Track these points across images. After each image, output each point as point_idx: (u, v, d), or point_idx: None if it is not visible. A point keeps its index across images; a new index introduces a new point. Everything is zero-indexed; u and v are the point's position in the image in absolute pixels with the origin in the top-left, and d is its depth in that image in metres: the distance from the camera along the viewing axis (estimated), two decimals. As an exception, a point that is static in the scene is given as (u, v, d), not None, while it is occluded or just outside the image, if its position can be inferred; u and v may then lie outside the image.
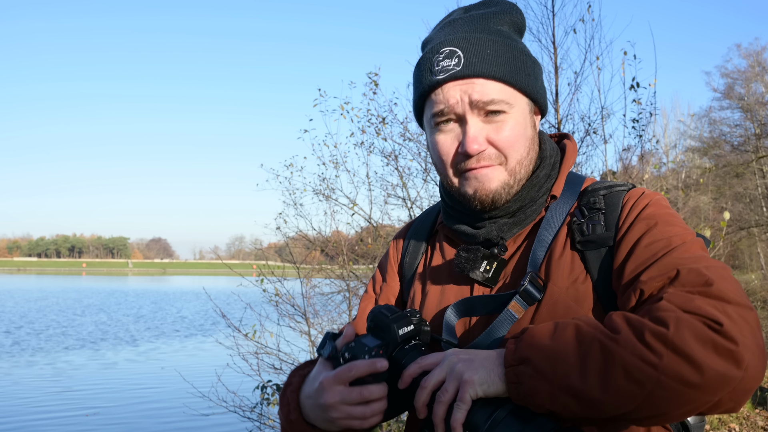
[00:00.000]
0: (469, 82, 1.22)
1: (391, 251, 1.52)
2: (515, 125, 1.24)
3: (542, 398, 0.98)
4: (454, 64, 1.22)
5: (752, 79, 28.55)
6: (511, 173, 1.25)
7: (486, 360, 1.05)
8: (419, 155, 7.09)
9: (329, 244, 7.50)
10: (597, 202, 1.24)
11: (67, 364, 15.01)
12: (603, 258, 1.19)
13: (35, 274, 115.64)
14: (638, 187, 1.26)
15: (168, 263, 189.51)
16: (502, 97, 1.23)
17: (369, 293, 1.51)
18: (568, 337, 1.00)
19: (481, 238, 1.29)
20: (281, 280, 6.94)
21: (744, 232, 24.63)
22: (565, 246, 1.23)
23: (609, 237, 1.20)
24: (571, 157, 1.35)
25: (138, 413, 10.35)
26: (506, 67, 1.23)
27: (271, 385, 5.78)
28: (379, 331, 1.19)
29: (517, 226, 1.28)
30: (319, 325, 6.88)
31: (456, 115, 1.24)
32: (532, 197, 1.29)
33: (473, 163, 1.24)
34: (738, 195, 26.08)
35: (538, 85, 1.30)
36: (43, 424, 9.64)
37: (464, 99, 1.22)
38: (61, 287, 55.39)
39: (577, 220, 1.24)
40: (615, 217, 1.21)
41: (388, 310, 1.20)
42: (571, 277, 1.20)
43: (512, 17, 1.31)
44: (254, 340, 6.44)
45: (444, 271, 1.36)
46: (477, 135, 1.22)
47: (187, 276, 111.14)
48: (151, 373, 14.02)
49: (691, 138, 28.95)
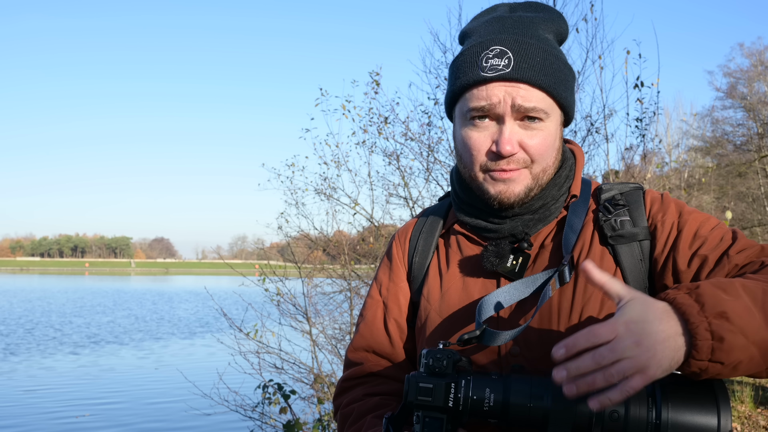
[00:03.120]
0: (515, 86, 1.23)
1: (395, 252, 1.48)
2: (548, 135, 1.27)
3: (738, 354, 0.96)
4: (504, 65, 1.23)
5: (755, 79, 28.50)
6: (535, 178, 1.29)
7: (662, 340, 0.96)
8: (421, 155, 7.09)
9: (331, 244, 7.51)
10: (620, 200, 1.30)
11: (70, 363, 15.05)
12: (634, 252, 1.25)
13: (38, 273, 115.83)
14: (649, 189, 1.33)
15: (170, 263, 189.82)
16: (542, 107, 1.25)
17: (375, 298, 1.47)
18: (740, 290, 1.00)
19: (505, 232, 1.31)
20: (283, 280, 6.94)
21: (746, 231, 24.59)
22: (592, 242, 1.28)
23: (638, 232, 1.26)
24: (581, 160, 1.39)
25: (140, 412, 10.37)
26: (551, 78, 1.26)
27: (272, 385, 5.77)
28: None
29: (541, 223, 1.32)
30: (320, 325, 6.88)
31: (495, 115, 1.25)
32: (554, 196, 1.33)
33: (503, 165, 1.26)
34: (740, 194, 26.03)
35: (572, 97, 1.33)
36: (40, 424, 9.64)
37: (507, 101, 1.23)
38: (64, 287, 55.46)
39: (603, 216, 1.29)
40: (641, 213, 1.28)
41: (422, 391, 1.11)
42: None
43: (558, 26, 1.34)
44: (255, 339, 6.45)
45: (465, 267, 1.35)
46: (512, 137, 1.24)
47: (190, 276, 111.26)
48: (153, 372, 14.05)
49: (693, 137, 28.91)
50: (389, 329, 1.43)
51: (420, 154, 7.11)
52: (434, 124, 7.01)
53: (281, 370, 6.38)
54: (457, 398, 1.09)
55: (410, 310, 1.44)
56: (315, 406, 6.18)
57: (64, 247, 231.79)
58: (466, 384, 1.09)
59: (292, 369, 6.48)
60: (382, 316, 1.45)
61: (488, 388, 1.09)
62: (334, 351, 6.71)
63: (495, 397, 1.08)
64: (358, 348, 1.45)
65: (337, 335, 7.18)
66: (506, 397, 1.07)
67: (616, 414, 0.98)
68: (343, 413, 1.40)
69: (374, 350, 1.43)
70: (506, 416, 1.08)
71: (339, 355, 6.61)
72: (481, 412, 1.09)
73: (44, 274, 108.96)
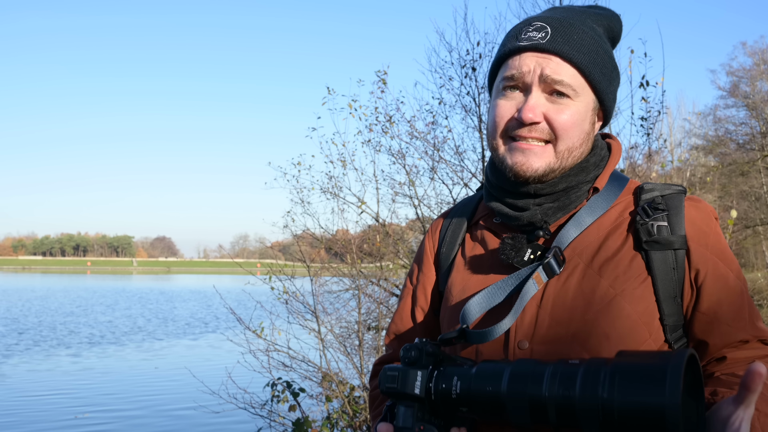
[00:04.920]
0: (546, 57, 1.25)
1: (426, 241, 1.52)
2: (575, 113, 1.27)
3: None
4: (540, 36, 1.26)
5: (757, 78, 28.50)
6: (559, 156, 1.27)
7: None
8: (426, 154, 7.12)
9: (337, 243, 7.54)
10: (660, 203, 1.25)
11: (71, 362, 15.06)
12: (667, 260, 1.22)
13: (40, 272, 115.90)
14: (691, 195, 1.30)
15: (172, 262, 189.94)
16: (572, 83, 1.25)
17: (407, 286, 1.52)
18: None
19: (524, 220, 1.30)
20: (291, 279, 6.97)
21: (749, 230, 24.59)
22: (624, 245, 1.25)
23: (675, 241, 1.22)
24: (617, 154, 1.37)
25: (148, 410, 10.40)
26: (586, 57, 1.26)
27: (281, 383, 5.80)
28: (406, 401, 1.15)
29: (561, 211, 1.30)
30: (328, 323, 6.91)
31: (523, 84, 1.27)
32: (579, 181, 1.31)
33: (524, 132, 1.26)
34: (743, 193, 26.03)
35: (610, 89, 1.32)
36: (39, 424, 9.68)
37: (536, 70, 1.25)
38: (66, 286, 55.53)
39: (641, 219, 1.25)
40: (680, 221, 1.24)
41: (387, 378, 1.16)
42: (628, 274, 1.22)
43: (611, 23, 1.36)
44: (262, 337, 6.48)
45: (487, 260, 1.36)
46: (536, 106, 1.25)
47: (192, 275, 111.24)
48: (159, 371, 14.07)
49: (696, 136, 28.92)
50: (416, 317, 1.48)
51: (425, 153, 7.15)
52: (440, 123, 7.05)
53: (290, 368, 6.40)
54: (428, 388, 1.11)
55: (437, 299, 1.47)
56: (323, 404, 6.21)
57: (66, 246, 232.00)
58: (438, 374, 1.12)
59: (301, 367, 6.51)
60: (410, 304, 1.50)
61: (456, 377, 1.10)
62: (342, 349, 6.74)
63: (461, 386, 1.09)
64: (391, 333, 1.52)
65: (345, 333, 7.21)
66: (469, 385, 1.08)
67: (568, 395, 0.98)
68: (371, 395, 1.47)
69: (402, 336, 1.49)
70: (470, 404, 1.08)
71: (347, 353, 6.64)
72: (451, 401, 1.10)
73: (46, 273, 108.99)
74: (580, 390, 0.97)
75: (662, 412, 0.88)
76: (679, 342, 1.24)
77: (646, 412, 0.90)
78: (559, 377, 1.00)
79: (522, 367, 1.06)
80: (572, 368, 1.00)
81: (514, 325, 1.25)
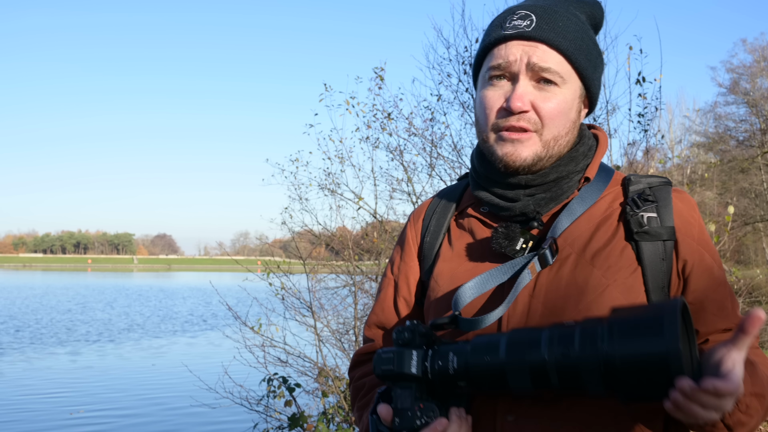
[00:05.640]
0: (533, 45, 1.25)
1: (408, 230, 1.50)
2: (562, 101, 1.27)
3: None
4: (525, 24, 1.26)
5: (757, 74, 28.45)
6: (545, 145, 1.27)
7: None
8: (424, 150, 7.12)
9: (335, 239, 7.54)
10: (649, 195, 1.27)
11: (74, 359, 15.10)
12: (657, 250, 1.24)
13: (41, 270, 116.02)
14: (675, 186, 1.31)
15: (173, 259, 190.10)
16: (559, 70, 1.26)
17: (388, 276, 1.50)
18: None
19: (516, 211, 1.30)
20: (287, 275, 6.98)
21: (749, 227, 24.58)
22: (615, 236, 1.26)
23: (664, 232, 1.24)
24: (604, 145, 1.38)
25: (145, 406, 10.42)
26: (572, 44, 1.27)
27: (277, 378, 5.82)
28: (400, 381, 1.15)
29: (554, 201, 1.30)
30: (324, 319, 6.93)
31: (510, 73, 1.27)
32: (570, 171, 1.31)
33: (513, 122, 1.26)
34: (743, 190, 26.01)
35: (596, 75, 1.33)
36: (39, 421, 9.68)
37: (523, 59, 1.25)
38: (66, 284, 55.57)
39: (631, 210, 1.26)
40: (669, 212, 1.25)
41: (382, 361, 1.15)
42: (619, 265, 1.23)
43: (593, 10, 1.37)
44: (259, 333, 6.49)
45: (476, 250, 1.35)
46: (524, 95, 1.25)
47: (192, 272, 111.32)
48: (155, 367, 14.10)
49: (696, 133, 28.89)
50: (398, 307, 1.46)
51: (423, 149, 7.15)
52: (437, 120, 7.05)
53: (286, 364, 6.42)
54: (424, 366, 1.12)
55: (420, 289, 1.45)
56: (319, 399, 6.23)
57: (67, 243, 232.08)
58: (434, 353, 1.12)
59: (297, 362, 6.53)
60: (392, 295, 1.47)
61: (452, 353, 1.11)
62: (339, 345, 6.75)
63: (458, 360, 1.09)
64: (371, 324, 1.50)
65: (341, 329, 7.22)
66: (466, 359, 1.09)
67: (568, 354, 0.98)
68: (355, 386, 1.45)
69: (384, 327, 1.47)
70: (469, 377, 1.09)
71: (343, 349, 6.66)
72: (449, 377, 1.10)
73: (47, 271, 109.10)
74: (579, 349, 0.98)
75: (665, 358, 0.90)
76: None
77: (649, 359, 0.92)
78: (557, 339, 1.01)
79: (518, 335, 1.07)
80: (568, 329, 1.01)
81: (507, 314, 1.24)
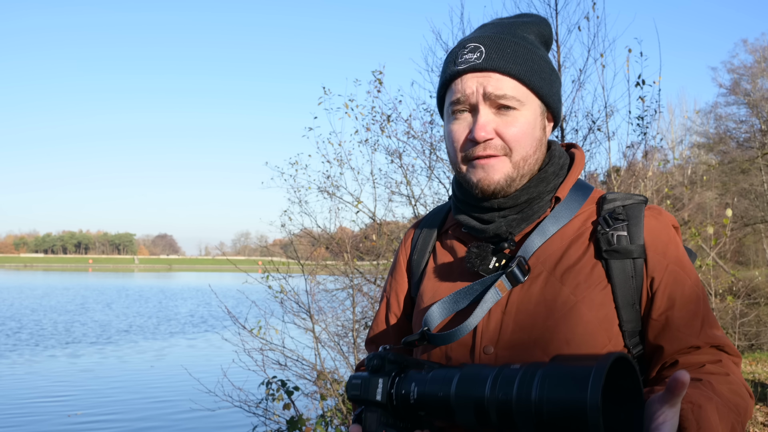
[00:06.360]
0: (486, 75, 1.29)
1: (400, 250, 1.57)
2: (524, 123, 1.31)
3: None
4: (475, 57, 1.30)
5: (758, 75, 28.47)
6: (515, 166, 1.31)
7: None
8: (423, 153, 7.14)
9: (334, 241, 7.55)
10: (620, 213, 1.29)
11: (72, 360, 15.12)
12: (626, 268, 1.26)
13: (42, 270, 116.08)
14: (651, 204, 1.33)
15: (174, 259, 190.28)
16: (515, 94, 1.30)
17: (384, 293, 1.58)
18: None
19: (490, 232, 1.34)
20: (286, 277, 6.99)
21: (749, 228, 24.57)
22: (585, 254, 1.29)
23: (633, 250, 1.26)
24: (580, 164, 1.40)
25: (143, 408, 10.42)
26: (523, 67, 1.30)
27: (275, 381, 5.83)
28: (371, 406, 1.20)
29: (525, 222, 1.34)
30: (323, 322, 6.93)
31: (470, 105, 1.31)
32: (540, 192, 1.34)
33: (480, 151, 1.30)
34: (743, 191, 26.00)
35: (552, 91, 1.36)
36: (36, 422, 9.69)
37: (479, 90, 1.29)
38: (67, 284, 55.60)
39: (602, 229, 1.28)
40: (639, 230, 1.27)
41: (352, 387, 1.21)
42: (588, 282, 1.25)
43: (540, 29, 1.40)
44: (259, 336, 6.50)
45: (455, 268, 1.41)
46: (486, 124, 1.29)
47: (193, 272, 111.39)
48: (155, 369, 14.10)
49: (697, 134, 28.93)
50: (389, 323, 1.54)
51: (422, 152, 7.16)
52: (436, 123, 7.06)
53: (284, 367, 6.43)
54: (389, 394, 1.16)
55: (409, 305, 1.53)
56: (318, 403, 6.23)
57: (68, 243, 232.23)
58: (400, 380, 1.16)
59: (296, 366, 6.53)
60: (384, 312, 1.56)
61: (414, 382, 1.14)
62: (337, 348, 6.76)
63: (418, 390, 1.12)
64: (367, 340, 1.59)
65: (340, 332, 7.23)
66: (424, 389, 1.12)
67: (506, 396, 1.01)
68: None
69: (378, 343, 1.54)
70: (426, 408, 1.12)
71: (342, 352, 6.67)
72: (410, 406, 1.13)
73: (48, 271, 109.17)
74: (516, 392, 1.00)
75: (585, 412, 0.91)
76: (637, 348, 1.27)
77: (570, 411, 0.93)
78: (500, 380, 1.03)
79: (469, 371, 1.09)
80: (512, 372, 1.03)
81: (480, 330, 1.28)
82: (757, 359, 10.64)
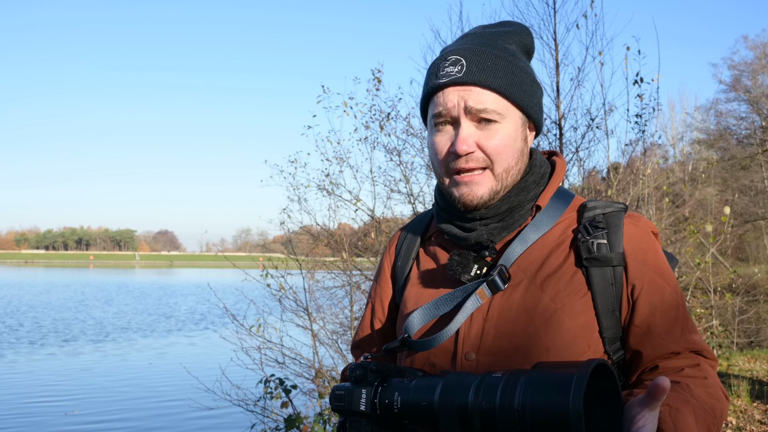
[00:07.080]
0: (467, 89, 1.30)
1: (385, 257, 1.59)
2: (505, 135, 1.32)
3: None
4: (457, 71, 1.31)
5: (759, 71, 28.44)
6: (498, 179, 1.33)
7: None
8: (422, 151, 7.14)
9: (333, 238, 7.56)
10: (600, 221, 1.30)
11: (70, 358, 15.13)
12: (606, 275, 1.27)
13: (43, 266, 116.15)
14: (631, 212, 1.35)
15: (175, 255, 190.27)
16: (496, 108, 1.30)
17: (369, 299, 1.60)
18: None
19: (472, 240, 1.35)
20: (284, 275, 7.00)
21: (749, 225, 24.57)
22: (566, 262, 1.30)
23: (613, 258, 1.27)
24: (561, 172, 1.42)
25: (142, 406, 10.44)
26: (503, 80, 1.31)
27: (274, 379, 5.84)
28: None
29: (506, 230, 1.35)
30: (321, 320, 6.95)
31: (452, 118, 1.32)
32: (521, 200, 1.35)
33: (462, 164, 1.31)
34: (744, 187, 26.00)
35: (533, 102, 1.37)
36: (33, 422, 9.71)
37: (460, 104, 1.30)
38: (68, 280, 55.65)
39: (582, 237, 1.29)
40: (619, 238, 1.28)
41: (335, 398, 1.22)
42: (568, 290, 1.27)
43: (521, 38, 1.41)
44: (258, 334, 6.51)
45: (437, 275, 1.42)
46: (467, 137, 1.30)
47: (194, 269, 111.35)
48: (153, 367, 14.12)
49: (697, 130, 28.90)
50: (374, 328, 1.56)
51: (421, 150, 7.16)
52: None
53: (283, 365, 6.45)
54: (373, 403, 1.17)
55: (393, 311, 1.54)
56: (316, 401, 6.25)
57: (69, 239, 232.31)
58: (383, 389, 1.17)
59: (294, 364, 6.55)
60: (369, 317, 1.58)
61: (397, 391, 1.15)
62: (335, 346, 6.77)
63: (401, 399, 1.13)
64: (353, 345, 1.61)
65: (338, 330, 7.24)
66: (407, 398, 1.13)
67: (489, 404, 1.02)
68: None
69: (363, 348, 1.57)
70: (410, 416, 1.13)
71: (340, 350, 6.68)
72: (393, 415, 1.14)
73: (49, 267, 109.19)
74: (499, 400, 1.02)
75: (566, 417, 0.93)
76: (617, 354, 1.29)
77: (553, 417, 0.95)
78: (483, 388, 1.05)
79: (452, 380, 1.10)
80: (495, 380, 1.05)
81: (462, 337, 1.30)
82: (756, 356, 10.64)
